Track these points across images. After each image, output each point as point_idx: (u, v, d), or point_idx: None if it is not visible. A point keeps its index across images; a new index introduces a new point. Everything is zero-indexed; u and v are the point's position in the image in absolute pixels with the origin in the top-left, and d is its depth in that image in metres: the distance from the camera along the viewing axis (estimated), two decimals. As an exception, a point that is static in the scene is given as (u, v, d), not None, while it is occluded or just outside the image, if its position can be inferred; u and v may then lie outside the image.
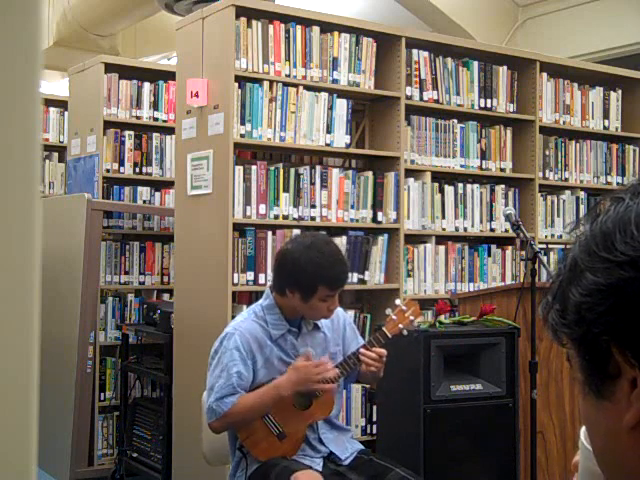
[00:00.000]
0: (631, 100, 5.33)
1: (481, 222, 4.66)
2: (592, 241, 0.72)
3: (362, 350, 2.80)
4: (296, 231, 3.98)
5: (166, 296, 5.15)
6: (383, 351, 2.81)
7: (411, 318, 2.87)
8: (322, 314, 2.80)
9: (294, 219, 4.01)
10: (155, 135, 5.31)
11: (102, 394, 4.89)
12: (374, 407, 4.17)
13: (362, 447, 2.98)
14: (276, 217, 3.97)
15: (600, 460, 0.76)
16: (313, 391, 2.75)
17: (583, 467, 0.82)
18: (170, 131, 5.11)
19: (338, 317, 2.97)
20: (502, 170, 4.78)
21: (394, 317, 2.87)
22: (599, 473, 0.76)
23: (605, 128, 5.23)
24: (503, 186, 4.78)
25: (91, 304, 4.69)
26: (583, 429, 0.81)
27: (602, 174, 5.20)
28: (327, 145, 4.13)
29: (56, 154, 6.52)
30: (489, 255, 4.68)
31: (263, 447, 2.78)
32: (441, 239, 4.53)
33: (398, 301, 2.96)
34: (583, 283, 0.71)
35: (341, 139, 4.17)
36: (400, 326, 2.85)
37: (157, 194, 5.38)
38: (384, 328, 2.85)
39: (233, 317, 3.35)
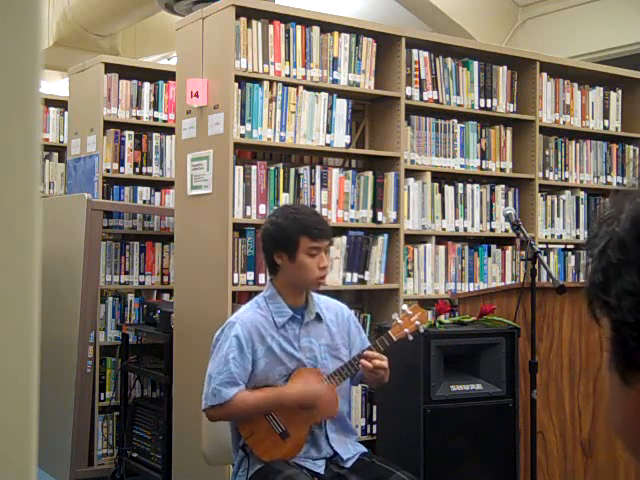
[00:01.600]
0: (631, 100, 5.32)
1: (481, 222, 4.66)
2: None
3: (366, 352, 2.80)
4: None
5: (166, 296, 5.15)
6: (381, 361, 2.80)
7: (417, 323, 2.88)
8: (315, 274, 2.78)
9: (294, 219, 4.00)
10: (155, 135, 5.31)
11: (102, 394, 4.89)
12: (374, 407, 4.17)
13: (365, 450, 2.97)
14: (276, 217, 3.96)
15: (620, 434, 0.74)
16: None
17: None
18: (170, 131, 5.11)
19: (342, 312, 2.98)
20: (502, 170, 4.77)
21: (400, 321, 2.87)
22: None
23: (605, 128, 5.23)
24: (503, 186, 4.77)
25: (91, 304, 4.69)
26: None
27: (602, 174, 5.19)
28: (327, 145, 4.13)
29: (56, 154, 6.51)
30: (489, 255, 4.68)
31: (266, 446, 2.78)
32: (441, 239, 4.53)
33: (405, 306, 2.97)
34: (628, 280, 0.66)
35: (341, 139, 4.16)
36: (406, 330, 2.85)
37: (157, 194, 5.38)
38: (390, 331, 2.86)
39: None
